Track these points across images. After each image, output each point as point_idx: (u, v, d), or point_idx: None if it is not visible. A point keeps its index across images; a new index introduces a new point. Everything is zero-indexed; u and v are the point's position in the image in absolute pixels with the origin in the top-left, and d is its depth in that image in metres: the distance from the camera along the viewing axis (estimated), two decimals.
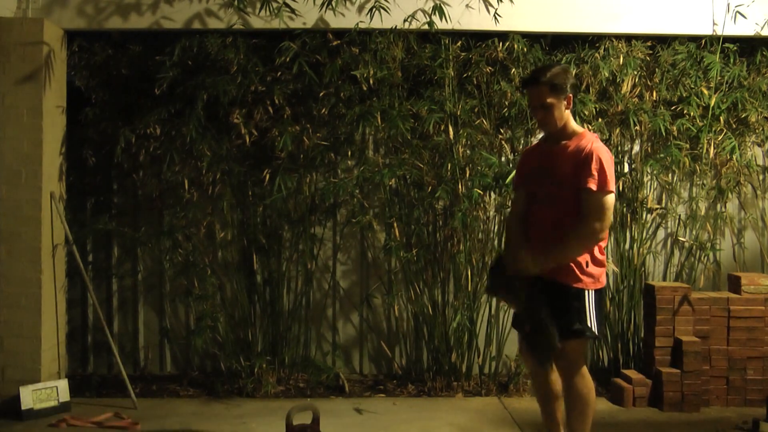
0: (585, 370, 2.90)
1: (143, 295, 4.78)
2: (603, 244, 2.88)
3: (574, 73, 4.37)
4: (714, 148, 4.58)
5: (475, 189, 4.32)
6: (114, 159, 4.43)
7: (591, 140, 2.82)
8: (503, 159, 4.59)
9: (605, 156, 2.76)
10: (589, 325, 2.78)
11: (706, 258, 4.78)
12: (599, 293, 2.86)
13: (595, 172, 2.72)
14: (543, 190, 2.91)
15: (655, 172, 4.66)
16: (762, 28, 4.38)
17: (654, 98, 4.54)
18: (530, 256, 2.81)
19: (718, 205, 4.76)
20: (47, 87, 4.19)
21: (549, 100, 2.83)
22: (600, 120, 4.54)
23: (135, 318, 4.78)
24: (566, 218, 2.80)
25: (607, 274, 4.56)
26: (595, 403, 2.96)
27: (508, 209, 4.60)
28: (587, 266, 2.81)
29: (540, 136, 3.40)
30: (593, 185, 2.71)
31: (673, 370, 4.11)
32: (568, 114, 2.88)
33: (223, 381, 4.44)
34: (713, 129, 4.53)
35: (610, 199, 2.73)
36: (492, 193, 4.55)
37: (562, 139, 2.89)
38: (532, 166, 3.00)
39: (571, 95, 2.85)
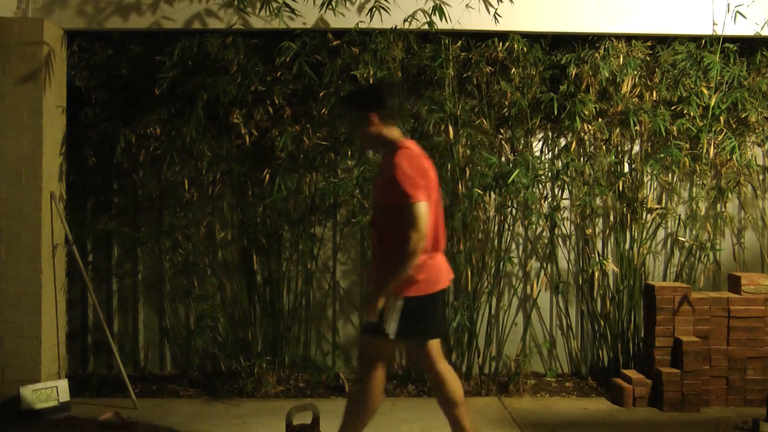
0: (379, 372, 2.92)
1: (143, 295, 4.77)
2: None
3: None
4: (714, 148, 4.58)
5: (475, 189, 4.32)
6: (114, 159, 4.44)
7: (397, 152, 2.82)
8: (503, 159, 4.60)
9: (404, 167, 2.75)
10: (384, 326, 2.81)
11: (706, 258, 4.78)
12: (416, 300, 2.83)
13: (396, 187, 2.74)
14: (374, 205, 3.05)
15: (655, 172, 4.66)
16: (762, 28, 4.39)
17: (654, 98, 4.54)
18: (368, 305, 2.84)
19: (718, 205, 4.75)
20: (47, 87, 4.19)
21: (350, 118, 3.07)
22: (600, 120, 4.54)
23: (135, 318, 4.78)
24: (385, 232, 2.85)
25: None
26: (373, 408, 2.95)
27: (508, 209, 4.61)
28: None
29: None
30: (393, 201, 2.76)
31: (673, 370, 4.10)
32: (378, 129, 2.90)
33: (223, 381, 4.44)
34: (713, 129, 4.53)
35: (417, 207, 2.73)
36: (492, 193, 4.55)
37: (383, 153, 2.96)
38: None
39: (374, 113, 2.87)
